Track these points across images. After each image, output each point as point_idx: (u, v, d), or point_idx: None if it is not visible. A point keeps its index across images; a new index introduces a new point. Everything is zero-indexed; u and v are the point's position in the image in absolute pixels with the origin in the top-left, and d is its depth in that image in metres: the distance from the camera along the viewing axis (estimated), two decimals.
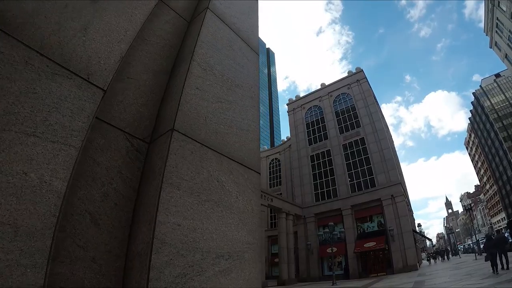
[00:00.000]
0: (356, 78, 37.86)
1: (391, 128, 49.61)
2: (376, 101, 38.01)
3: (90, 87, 1.85)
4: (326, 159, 36.50)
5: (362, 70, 38.23)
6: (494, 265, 12.25)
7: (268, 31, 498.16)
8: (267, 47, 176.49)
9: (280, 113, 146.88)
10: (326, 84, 41.53)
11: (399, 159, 43.69)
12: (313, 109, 41.35)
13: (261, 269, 2.28)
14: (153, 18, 2.81)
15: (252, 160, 2.51)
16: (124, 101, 2.42)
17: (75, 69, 1.80)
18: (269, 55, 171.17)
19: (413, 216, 37.41)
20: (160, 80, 2.79)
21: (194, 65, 2.49)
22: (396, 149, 44.21)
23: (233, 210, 2.12)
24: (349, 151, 34.80)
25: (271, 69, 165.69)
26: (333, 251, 26.23)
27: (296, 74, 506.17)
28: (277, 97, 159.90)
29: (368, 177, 31.88)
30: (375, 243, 27.57)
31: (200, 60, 2.56)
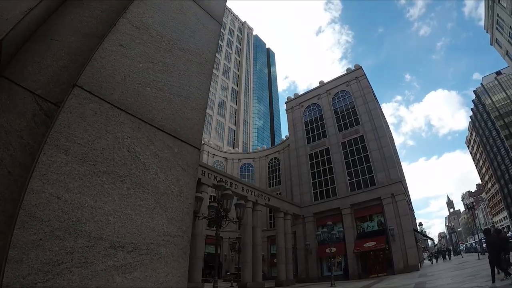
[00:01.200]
0: (355, 75, 37.34)
1: (391, 128, 49.13)
2: (376, 98, 37.49)
3: None
4: (325, 157, 36.00)
5: (361, 67, 37.71)
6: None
7: (268, 31, 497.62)
8: (267, 47, 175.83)
9: (280, 113, 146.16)
10: (325, 81, 41.03)
11: (400, 158, 43.19)
12: (311, 107, 40.87)
13: (186, 271, 1.67)
14: None
15: (190, 132, 2.07)
16: (42, 62, 2.08)
17: None
18: (269, 55, 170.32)
19: (414, 215, 36.82)
20: (91, 43, 2.41)
21: (123, 22, 2.20)
22: (397, 148, 43.77)
23: (148, 189, 1.67)
24: (348, 149, 34.29)
25: (271, 69, 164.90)
26: (332, 251, 25.75)
27: (296, 74, 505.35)
28: (278, 97, 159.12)
29: (367, 176, 31.35)
30: (375, 243, 27.00)
31: (133, 18, 2.27)
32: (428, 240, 67.90)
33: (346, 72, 39.08)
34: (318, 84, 41.80)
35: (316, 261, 31.36)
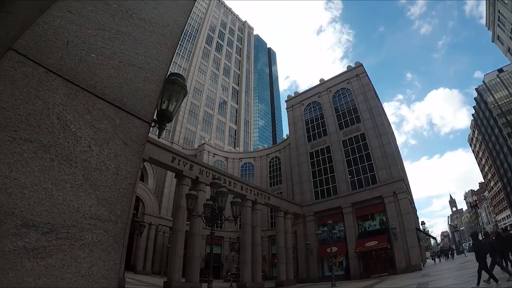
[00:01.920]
0: (356, 73, 37.03)
1: (393, 127, 48.59)
2: (377, 96, 37.12)
3: None
4: (326, 155, 35.70)
5: (362, 65, 37.37)
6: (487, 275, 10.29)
7: (269, 31, 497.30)
8: (268, 46, 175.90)
9: (282, 112, 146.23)
10: (325, 79, 40.74)
11: (402, 157, 42.69)
12: (312, 105, 40.59)
13: (117, 264, 1.35)
14: None
15: (139, 104, 1.79)
16: None
17: None
18: (270, 55, 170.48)
19: (416, 214, 36.41)
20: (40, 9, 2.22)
21: None
22: (399, 147, 43.34)
23: (77, 163, 1.39)
24: (349, 147, 33.98)
25: (272, 69, 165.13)
26: (333, 251, 25.46)
27: (297, 74, 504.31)
28: (279, 97, 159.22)
29: (369, 174, 31.03)
30: (377, 242, 26.65)
31: None
32: (431, 239, 67.51)
33: (346, 69, 38.77)
34: (318, 82, 41.49)
35: (317, 261, 31.05)
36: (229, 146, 66.16)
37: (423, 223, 41.78)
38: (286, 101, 45.86)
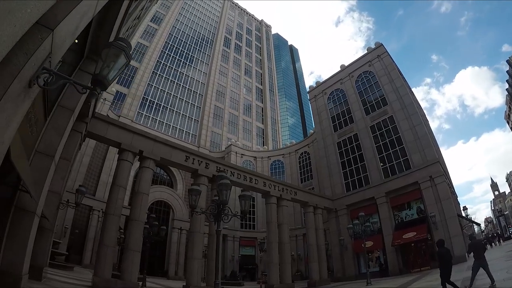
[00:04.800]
0: (377, 54, 34.36)
1: (425, 113, 44.43)
2: (402, 75, 34.06)
3: None
4: (354, 144, 33.38)
5: (382, 44, 34.59)
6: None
7: (288, 28, 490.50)
8: (289, 44, 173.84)
9: (310, 108, 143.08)
10: (346, 65, 38.35)
11: (437, 142, 38.87)
12: (335, 93, 38.38)
13: None
14: None
15: None
16: None
17: None
18: (292, 52, 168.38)
19: (457, 199, 32.83)
20: None
21: None
22: (433, 134, 39.40)
23: None
24: (378, 133, 31.42)
25: (296, 65, 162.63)
26: (368, 245, 23.19)
27: (321, 68, 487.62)
28: (306, 93, 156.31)
29: (401, 159, 28.35)
30: (415, 233, 23.96)
31: None
32: (475, 226, 61.75)
33: (366, 51, 36.18)
34: (339, 69, 39.18)
35: (352, 257, 28.85)
36: (257, 146, 65.04)
37: (465, 208, 36.95)
38: (308, 92, 43.95)
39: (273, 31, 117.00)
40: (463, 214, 26.86)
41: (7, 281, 6.25)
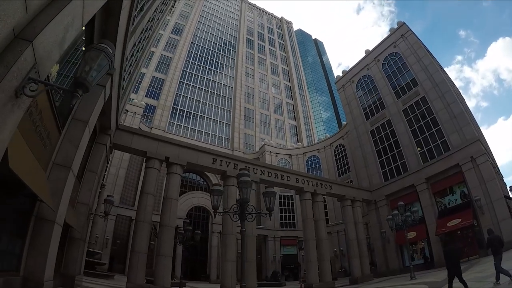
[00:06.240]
0: (400, 33, 32.48)
1: (460, 92, 40.84)
2: (429, 53, 31.74)
3: None
4: (388, 130, 31.85)
5: (404, 23, 32.66)
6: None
7: (310, 23, 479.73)
8: (313, 38, 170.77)
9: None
10: (370, 49, 36.76)
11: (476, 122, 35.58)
12: (362, 80, 36.94)
13: None
14: None
15: None
16: None
17: None
18: (317, 46, 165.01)
19: (503, 180, 29.86)
20: None
21: None
22: (472, 113, 36.19)
23: None
24: (411, 116, 29.65)
25: (323, 59, 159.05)
26: (411, 236, 21.62)
27: (348, 59, 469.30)
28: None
29: (439, 141, 26.46)
30: (460, 219, 22.09)
31: None
32: None
33: (389, 32, 34.37)
34: (364, 55, 37.64)
35: (395, 250, 27.41)
36: (292, 144, 64.39)
37: None
38: (335, 83, 42.73)
39: (295, 27, 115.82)
40: (511, 195, 24.38)
41: (30, 287, 6.61)
